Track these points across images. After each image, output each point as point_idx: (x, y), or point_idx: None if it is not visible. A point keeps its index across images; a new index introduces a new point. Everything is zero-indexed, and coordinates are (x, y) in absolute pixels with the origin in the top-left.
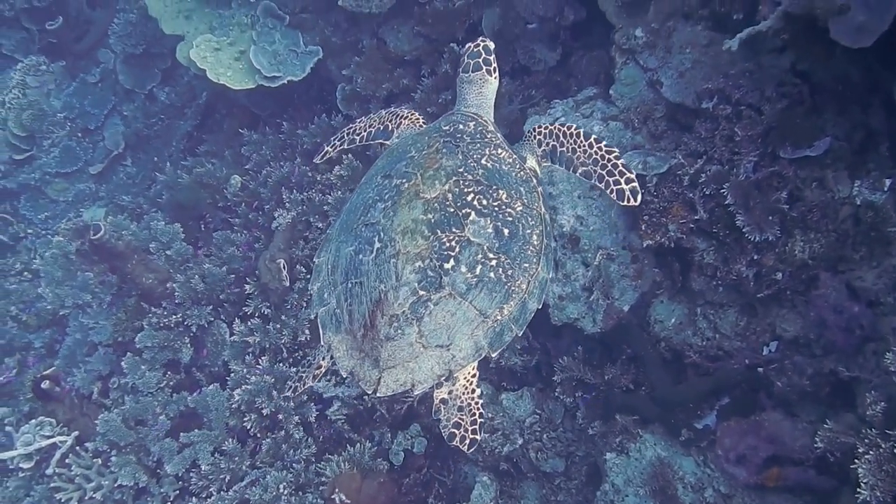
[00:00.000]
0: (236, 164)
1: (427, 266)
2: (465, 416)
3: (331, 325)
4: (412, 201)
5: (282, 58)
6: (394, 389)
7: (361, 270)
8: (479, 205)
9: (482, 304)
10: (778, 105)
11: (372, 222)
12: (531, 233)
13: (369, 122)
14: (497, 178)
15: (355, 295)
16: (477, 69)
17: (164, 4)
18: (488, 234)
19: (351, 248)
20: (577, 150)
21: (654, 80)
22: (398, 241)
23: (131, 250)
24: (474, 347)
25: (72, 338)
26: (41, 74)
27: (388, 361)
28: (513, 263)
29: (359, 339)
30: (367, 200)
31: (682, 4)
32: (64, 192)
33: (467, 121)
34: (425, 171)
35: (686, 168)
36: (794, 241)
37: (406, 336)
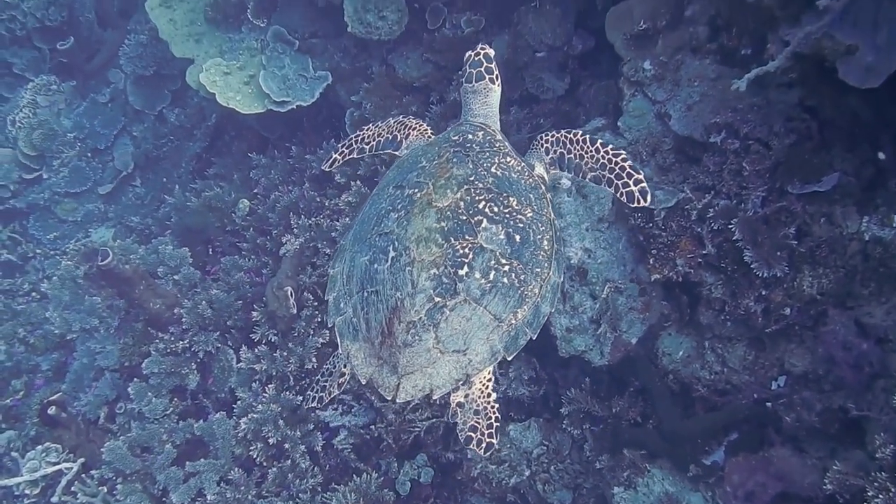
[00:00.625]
0: (245, 188)
1: (442, 273)
2: (481, 419)
3: (348, 334)
4: (425, 210)
5: (291, 82)
6: (412, 395)
7: (377, 279)
8: (491, 212)
9: (496, 308)
10: (786, 140)
11: (386, 232)
12: (542, 238)
13: (377, 130)
14: (507, 185)
15: (371, 303)
16: (480, 79)
17: (174, 27)
18: (500, 241)
19: (365, 258)
20: (584, 156)
21: (663, 112)
22: (413, 249)
23: (139, 275)
24: (490, 352)
25: (79, 362)
26: (52, 94)
27: (407, 367)
28: (525, 268)
29: (377, 347)
30: (380, 211)
31: (690, 38)
32: (73, 213)
33: (476, 130)
34: (437, 181)
35: (694, 203)
36: (802, 277)
37: (423, 342)
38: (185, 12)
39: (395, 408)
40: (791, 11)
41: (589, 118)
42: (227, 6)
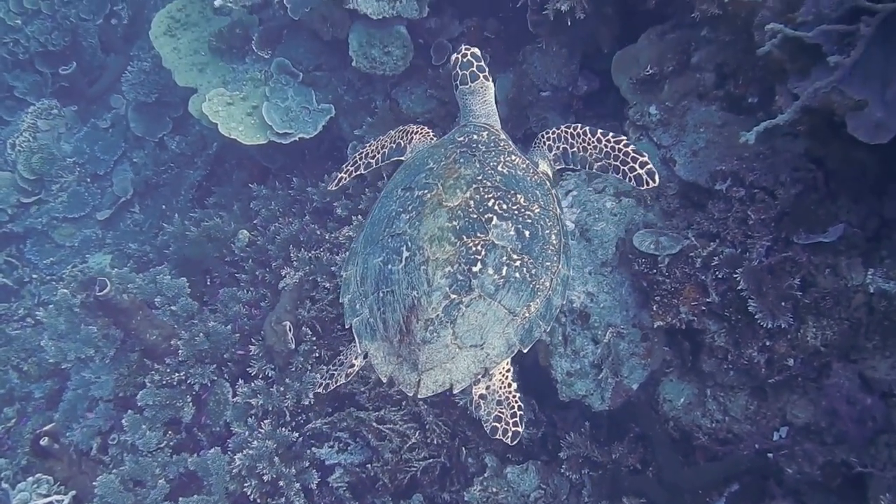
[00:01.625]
0: (245, 219)
1: (456, 270)
2: (504, 409)
3: (366, 334)
4: (436, 210)
5: (294, 114)
6: (433, 390)
7: (392, 279)
8: (500, 209)
9: (510, 303)
10: (792, 190)
11: (398, 233)
12: (550, 233)
13: (380, 143)
14: (514, 182)
15: (388, 303)
16: (475, 78)
17: (178, 56)
18: (511, 237)
19: (379, 259)
20: (587, 147)
21: (668, 157)
22: (426, 248)
23: (136, 306)
24: (506, 345)
25: (73, 392)
26: (52, 118)
27: (427, 364)
28: (535, 263)
29: (395, 345)
30: (391, 213)
31: (696, 84)
32: (70, 238)
33: (480, 131)
34: (446, 181)
35: (699, 250)
36: (806, 328)
37: (442, 338)
38: (190, 41)
39: (392, 447)
40: (800, 64)
41: None
42: (232, 37)
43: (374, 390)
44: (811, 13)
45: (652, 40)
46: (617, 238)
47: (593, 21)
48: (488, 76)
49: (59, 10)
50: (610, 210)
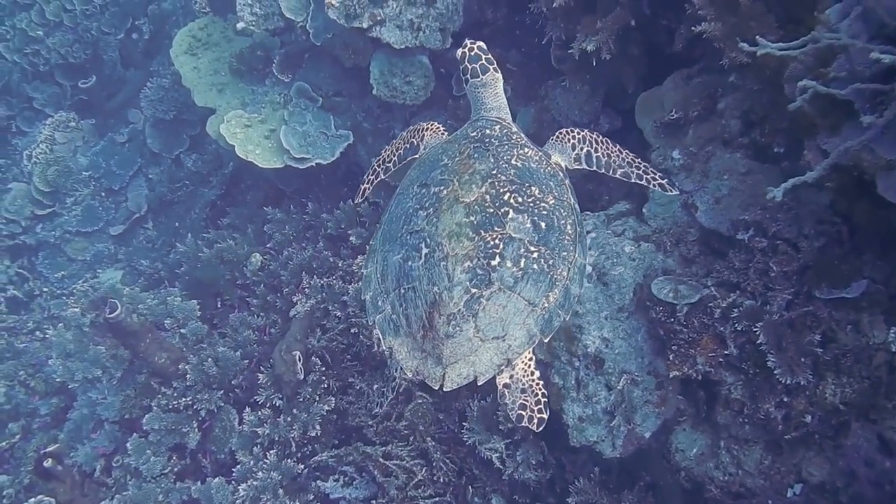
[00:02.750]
0: (258, 241)
1: (476, 265)
2: (528, 397)
3: (389, 331)
4: (453, 206)
5: (312, 139)
6: (458, 383)
7: (412, 276)
8: (516, 202)
9: (530, 294)
10: (815, 243)
11: (416, 230)
12: (565, 223)
13: (395, 146)
14: (528, 175)
15: (409, 300)
16: (485, 71)
17: (198, 75)
18: (527, 229)
19: (398, 256)
20: (611, 154)
21: (690, 203)
22: (445, 244)
23: (146, 329)
24: (527, 335)
25: (78, 412)
26: (70, 131)
27: (451, 358)
28: (552, 253)
29: (419, 340)
30: (408, 210)
31: (722, 131)
32: (83, 252)
33: (492, 125)
34: (461, 177)
35: (718, 301)
36: (825, 385)
37: (464, 332)
38: (210, 61)
39: (398, 483)
40: (831, 120)
41: (612, 198)
42: (253, 58)
43: (382, 424)
44: (844, 69)
45: (678, 83)
46: (635, 283)
47: (618, 61)
48: (497, 68)
49: (81, 22)
50: (629, 255)
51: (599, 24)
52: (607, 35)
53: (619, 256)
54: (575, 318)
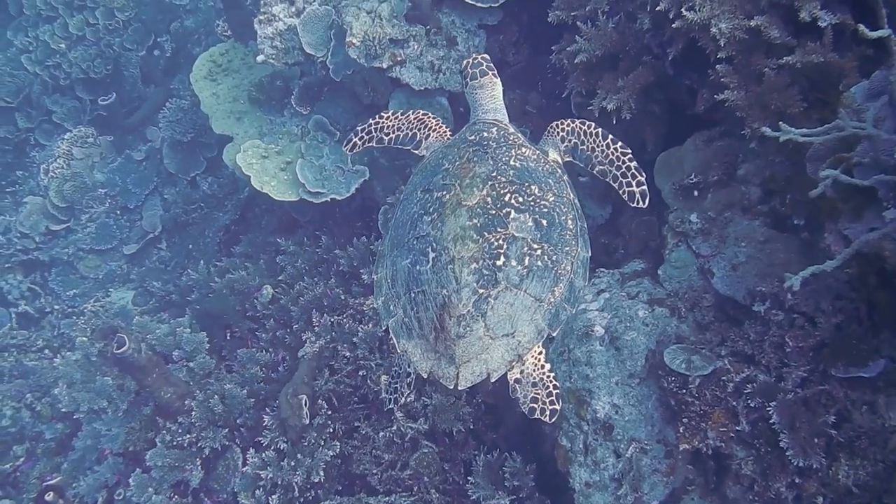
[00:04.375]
0: (270, 272)
1: (482, 266)
2: (540, 390)
3: (403, 334)
4: (456, 210)
5: (328, 173)
6: (472, 381)
7: (421, 280)
8: (517, 202)
9: (536, 290)
10: (833, 319)
11: (422, 235)
12: (566, 219)
13: (397, 123)
14: (527, 175)
15: (420, 303)
16: (483, 75)
17: (216, 102)
18: (529, 228)
19: (407, 261)
20: (595, 149)
21: (706, 268)
22: (451, 248)
23: (153, 364)
24: (536, 331)
25: (82, 442)
26: (88, 146)
27: (463, 357)
28: (555, 249)
29: (432, 342)
30: (413, 215)
31: (741, 197)
32: (95, 270)
33: (490, 127)
34: (462, 181)
35: (732, 374)
36: (838, 466)
37: (475, 332)
38: (230, 88)
39: None
40: (853, 204)
41: (628, 252)
42: (272, 89)
43: (387, 472)
44: (868, 155)
45: (698, 146)
46: (647, 350)
47: (639, 118)
48: (497, 75)
49: (103, 37)
50: (642, 319)
51: (621, 82)
52: (628, 94)
53: (633, 320)
54: (585, 381)
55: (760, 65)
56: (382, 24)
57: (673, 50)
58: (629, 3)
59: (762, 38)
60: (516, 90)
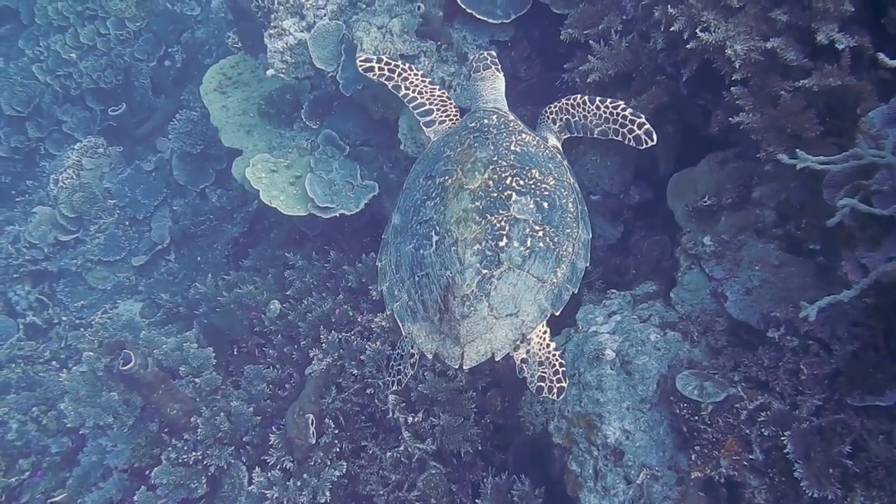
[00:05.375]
0: (278, 287)
1: (485, 247)
2: (546, 368)
3: (408, 317)
4: (459, 193)
5: (337, 188)
6: (476, 360)
7: (425, 263)
8: (518, 185)
9: (538, 271)
10: (849, 346)
11: (425, 219)
12: (566, 202)
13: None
14: (527, 159)
15: (424, 286)
16: (487, 68)
17: (226, 115)
18: (531, 210)
19: (410, 246)
20: (587, 115)
21: (719, 291)
22: (454, 230)
23: (159, 380)
24: (539, 310)
25: (87, 458)
26: (97, 157)
27: (468, 337)
28: (557, 231)
29: (436, 323)
30: (416, 201)
31: (755, 220)
32: (103, 281)
33: (490, 115)
34: (464, 166)
35: (745, 402)
36: (854, 496)
37: (479, 311)
38: (239, 101)
39: None
40: (871, 233)
41: (639, 273)
42: (282, 102)
43: (394, 493)
44: (887, 183)
45: (712, 167)
46: (659, 375)
47: None
48: (500, 69)
49: (114, 47)
50: (654, 343)
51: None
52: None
53: (644, 344)
54: (595, 406)
55: (776, 87)
56: (393, 39)
57: (687, 71)
58: (642, 23)
59: (778, 61)
60: (527, 106)
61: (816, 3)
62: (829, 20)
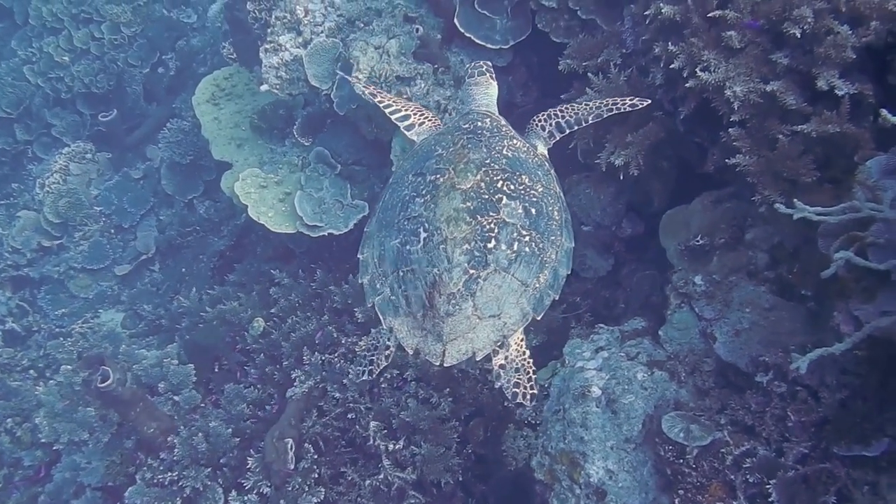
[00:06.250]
0: (262, 304)
1: (474, 248)
2: (521, 375)
3: (389, 311)
4: (450, 193)
5: (326, 206)
6: (458, 358)
7: (411, 259)
8: (508, 190)
9: (523, 275)
10: (837, 394)
11: (414, 216)
12: (552, 209)
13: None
14: (518, 164)
15: (408, 281)
16: (481, 74)
17: (218, 127)
18: (520, 215)
19: (396, 241)
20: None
21: (708, 331)
22: (444, 229)
23: (137, 398)
24: (521, 314)
25: (61, 475)
26: (85, 163)
27: (451, 335)
28: (542, 238)
29: (419, 319)
30: (404, 197)
31: (747, 262)
32: (86, 290)
33: (483, 118)
34: (457, 165)
35: (731, 447)
36: None
37: (463, 310)
38: (231, 114)
39: None
40: (865, 285)
41: (629, 308)
42: (275, 117)
43: None
44: (883, 236)
45: (706, 206)
46: (645, 415)
47: (647, 173)
48: (494, 78)
49: (108, 52)
50: (641, 382)
51: (630, 137)
52: (637, 150)
53: (631, 383)
54: (579, 444)
55: (774, 130)
56: (390, 60)
57: (685, 109)
58: (642, 57)
59: (777, 104)
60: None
61: (818, 48)
62: (830, 66)
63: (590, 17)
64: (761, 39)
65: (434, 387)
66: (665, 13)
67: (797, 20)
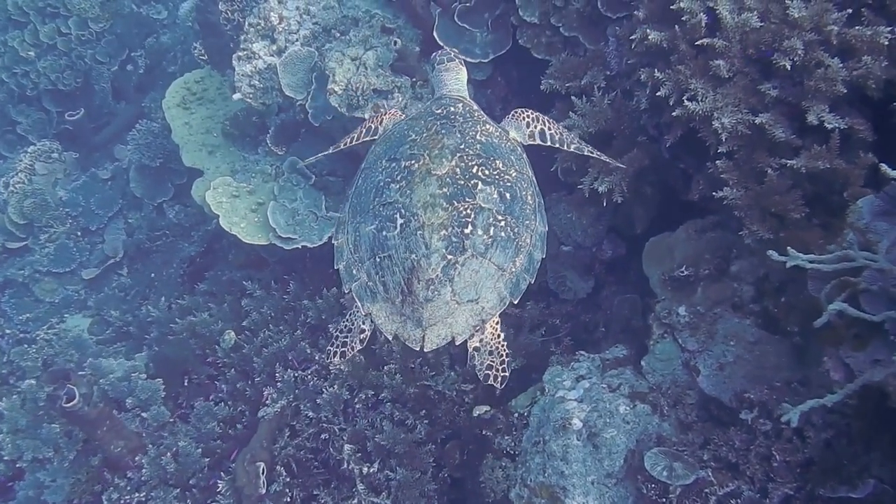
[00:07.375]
0: (234, 316)
1: (451, 233)
2: (495, 358)
3: (367, 297)
4: (426, 178)
5: (300, 218)
6: (437, 343)
7: (388, 245)
8: (483, 175)
9: (499, 259)
10: (823, 434)
11: (389, 202)
12: (526, 194)
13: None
14: (492, 149)
15: (386, 267)
16: (450, 60)
17: (188, 132)
18: (495, 200)
19: (372, 227)
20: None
21: (692, 364)
22: (421, 214)
23: (104, 416)
24: (498, 298)
25: (24, 493)
26: (51, 162)
27: (430, 320)
28: (517, 222)
29: (398, 305)
30: (378, 183)
31: (732, 294)
32: (51, 294)
33: (455, 103)
34: (431, 151)
35: (715, 487)
36: None
37: (442, 296)
38: (203, 119)
39: None
40: (857, 331)
41: (609, 331)
42: (248, 124)
43: None
44: (876, 283)
45: (690, 235)
46: (627, 449)
47: (630, 198)
48: (463, 64)
49: (75, 48)
50: (623, 416)
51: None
52: (621, 176)
53: (613, 416)
54: (560, 478)
55: (762, 163)
56: (367, 73)
57: (671, 137)
58: (626, 80)
59: (766, 136)
60: None
61: (808, 81)
62: (820, 100)
63: (572, 35)
64: (749, 69)
65: (410, 408)
66: (652, 39)
67: (787, 51)
